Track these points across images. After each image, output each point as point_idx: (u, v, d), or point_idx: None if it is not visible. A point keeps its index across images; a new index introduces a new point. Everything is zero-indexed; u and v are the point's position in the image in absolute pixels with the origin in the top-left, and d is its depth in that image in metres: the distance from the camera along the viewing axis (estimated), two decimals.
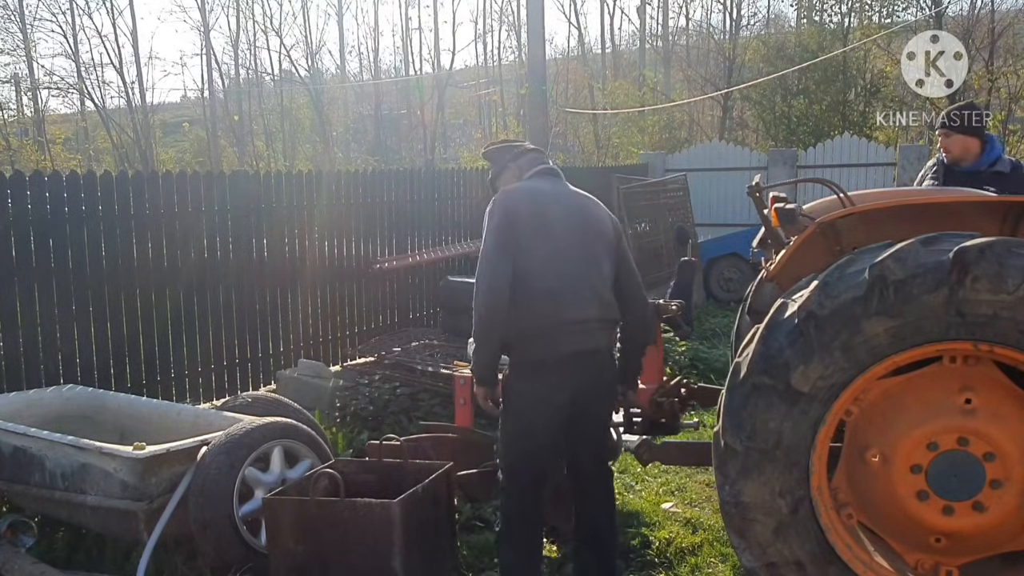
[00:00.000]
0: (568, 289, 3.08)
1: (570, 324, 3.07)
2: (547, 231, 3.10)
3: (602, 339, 3.19)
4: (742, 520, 2.75)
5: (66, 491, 3.57)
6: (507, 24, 43.76)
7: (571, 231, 3.15)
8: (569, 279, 3.09)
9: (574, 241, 3.14)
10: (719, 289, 10.79)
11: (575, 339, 3.08)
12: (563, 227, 3.14)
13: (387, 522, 3.15)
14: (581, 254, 3.13)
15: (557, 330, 3.06)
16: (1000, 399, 2.66)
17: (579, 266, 3.12)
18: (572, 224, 3.17)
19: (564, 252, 3.10)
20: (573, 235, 3.14)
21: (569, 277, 3.09)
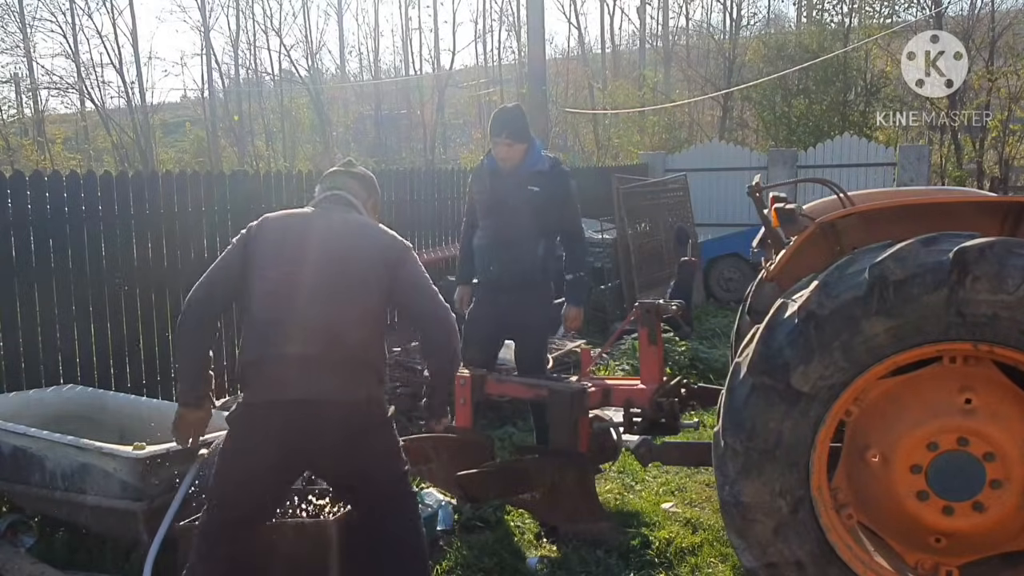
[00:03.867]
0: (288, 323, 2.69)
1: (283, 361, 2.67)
2: (283, 260, 2.76)
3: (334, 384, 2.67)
4: (742, 520, 2.76)
5: (66, 491, 3.57)
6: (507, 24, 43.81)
7: (316, 264, 2.76)
8: (292, 313, 2.69)
9: (315, 274, 2.74)
10: (719, 289, 10.79)
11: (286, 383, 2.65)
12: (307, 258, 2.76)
13: (322, 543, 2.92)
14: (319, 288, 2.71)
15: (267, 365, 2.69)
16: (1000, 399, 2.66)
17: (315, 302, 2.70)
18: (320, 255, 2.78)
19: (294, 284, 2.72)
20: (315, 268, 2.74)
21: (294, 311, 2.69)
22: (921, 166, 12.05)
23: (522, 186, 4.31)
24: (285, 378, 2.66)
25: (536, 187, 4.31)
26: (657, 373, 4.05)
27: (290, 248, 2.79)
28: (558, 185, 4.39)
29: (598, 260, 9.59)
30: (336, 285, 2.74)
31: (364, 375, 2.76)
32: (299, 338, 2.67)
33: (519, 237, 4.33)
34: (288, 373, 2.66)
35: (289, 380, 2.65)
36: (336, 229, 2.86)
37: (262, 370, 2.70)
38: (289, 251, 2.79)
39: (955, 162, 17.19)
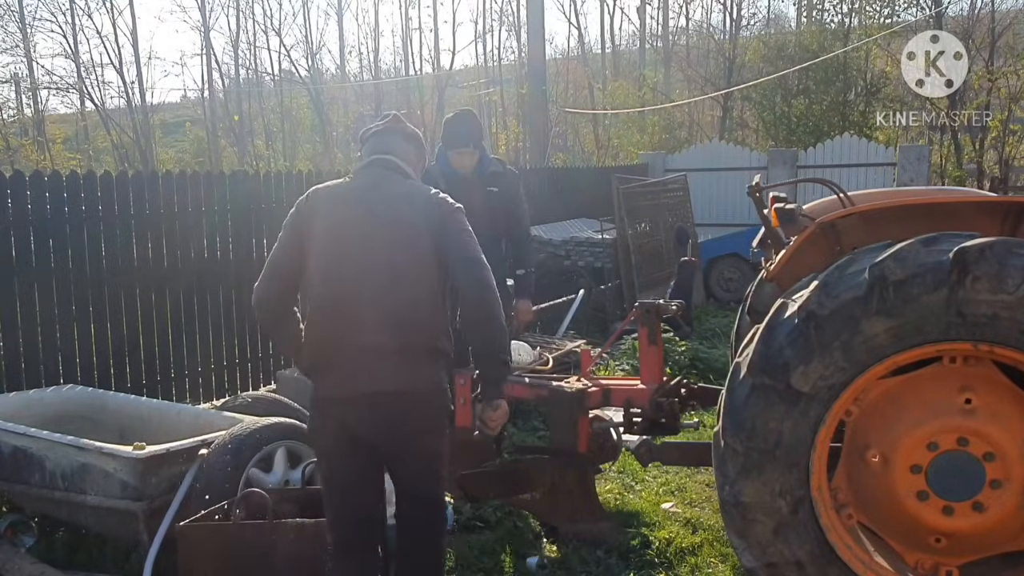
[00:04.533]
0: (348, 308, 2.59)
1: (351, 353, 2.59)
2: (336, 240, 2.65)
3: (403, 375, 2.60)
4: (742, 520, 2.76)
5: (66, 491, 3.57)
6: (507, 24, 43.75)
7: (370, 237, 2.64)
8: (352, 300, 2.59)
9: (370, 255, 2.62)
10: (719, 289, 10.79)
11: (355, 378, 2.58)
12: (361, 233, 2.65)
13: (322, 543, 2.87)
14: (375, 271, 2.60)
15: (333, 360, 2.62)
16: (1000, 399, 2.67)
17: (373, 287, 2.59)
18: (374, 229, 2.65)
19: (350, 267, 2.62)
20: (369, 248, 2.62)
21: (353, 298, 2.59)
22: (921, 166, 12.05)
23: (481, 188, 4.39)
24: (354, 371, 2.58)
25: (495, 188, 4.43)
26: (657, 373, 4.05)
27: (341, 227, 2.67)
28: (513, 185, 4.58)
29: (598, 260, 9.60)
30: (392, 265, 2.61)
31: (429, 360, 2.66)
32: (365, 327, 2.57)
33: (483, 239, 4.32)
34: (357, 365, 2.58)
35: (355, 373, 2.58)
36: (385, 202, 2.70)
37: (331, 364, 2.63)
38: (341, 230, 2.66)
39: (955, 162, 17.19)
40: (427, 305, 2.64)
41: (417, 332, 2.62)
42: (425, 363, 2.64)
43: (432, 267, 2.66)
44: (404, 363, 2.59)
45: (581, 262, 9.66)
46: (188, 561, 3.06)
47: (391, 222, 2.66)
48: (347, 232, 2.66)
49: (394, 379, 2.58)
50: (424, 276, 2.64)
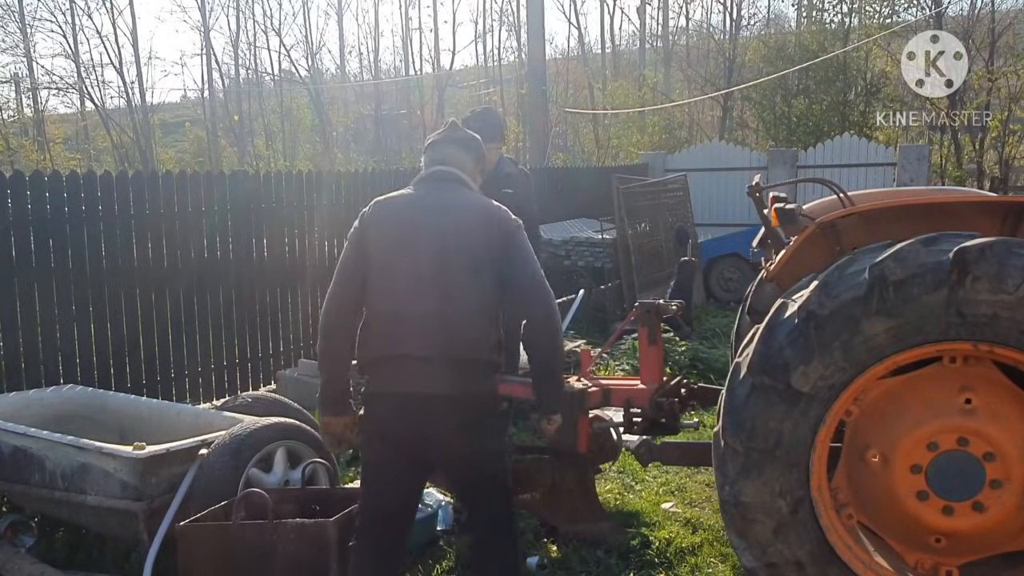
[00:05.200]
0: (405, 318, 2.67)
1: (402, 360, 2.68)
2: (396, 252, 2.73)
3: (449, 381, 2.66)
4: (742, 520, 2.75)
5: (66, 491, 3.57)
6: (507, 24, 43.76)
7: (429, 251, 2.69)
8: (407, 308, 2.67)
9: (428, 266, 2.68)
10: (719, 289, 10.79)
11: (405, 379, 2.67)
12: (420, 246, 2.70)
13: (322, 543, 2.91)
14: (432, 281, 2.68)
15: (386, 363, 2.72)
16: (1000, 399, 2.66)
17: (428, 297, 2.66)
18: (432, 243, 2.70)
19: (408, 277, 2.69)
20: (427, 259, 2.69)
21: (408, 306, 2.67)
22: (921, 166, 12.05)
23: (496, 190, 4.32)
24: (405, 375, 2.67)
25: (509, 189, 4.34)
26: (657, 373, 4.04)
27: (401, 239, 2.73)
28: (525, 185, 4.52)
29: (598, 260, 9.60)
30: (449, 277, 2.68)
31: (478, 370, 2.72)
32: (415, 336, 2.66)
33: None
34: (408, 370, 2.66)
35: (408, 377, 2.66)
36: (443, 212, 2.76)
37: (384, 367, 2.72)
38: (401, 242, 2.73)
39: (955, 162, 17.21)
40: (479, 318, 2.71)
41: (465, 344, 2.68)
42: (471, 373, 2.70)
43: (487, 282, 2.71)
44: (449, 371, 2.65)
45: (581, 262, 9.66)
46: (188, 561, 3.06)
47: (445, 234, 2.71)
48: (402, 243, 2.72)
49: (436, 384, 2.64)
50: (477, 290, 2.71)
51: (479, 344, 2.71)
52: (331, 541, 2.96)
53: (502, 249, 2.72)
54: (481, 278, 2.71)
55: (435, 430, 2.68)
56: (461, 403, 2.68)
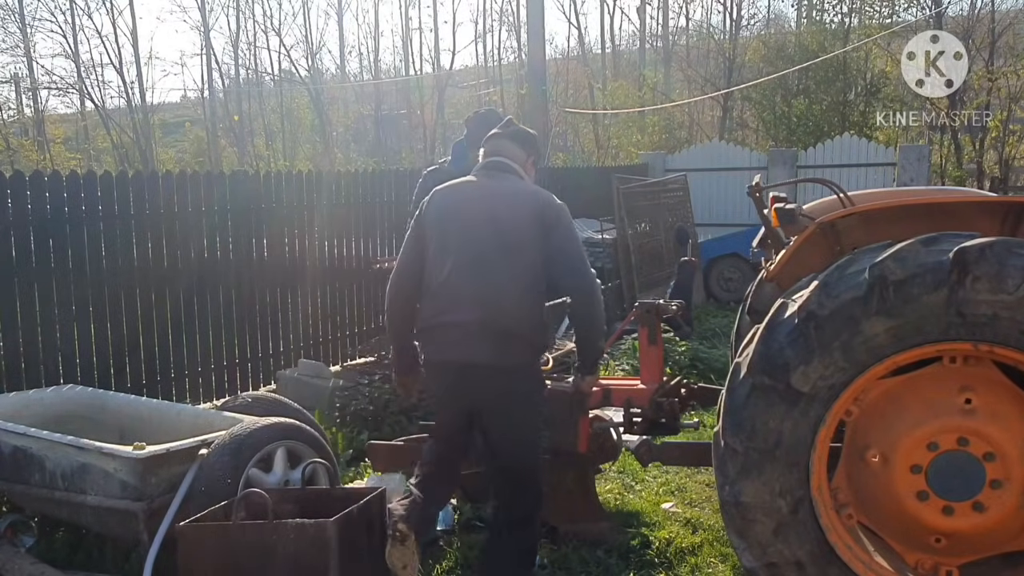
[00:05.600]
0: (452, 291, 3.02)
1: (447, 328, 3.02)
2: (448, 232, 3.06)
3: (487, 351, 2.98)
4: (742, 520, 2.75)
5: (66, 491, 3.57)
6: (507, 24, 43.80)
7: (479, 230, 3.02)
8: (455, 282, 3.01)
9: (476, 244, 3.01)
10: (719, 289, 10.79)
11: (449, 347, 3.03)
12: (472, 225, 3.04)
13: (322, 543, 2.92)
14: (480, 259, 3.00)
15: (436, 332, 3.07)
16: (1000, 399, 2.66)
17: (475, 272, 2.99)
18: (483, 222, 3.03)
19: (457, 254, 3.02)
20: (475, 239, 3.02)
21: (457, 281, 3.01)
22: (921, 166, 12.05)
23: None
24: (448, 343, 3.01)
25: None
26: (657, 373, 4.05)
27: (453, 220, 3.07)
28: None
29: (598, 260, 9.60)
30: (495, 255, 2.98)
31: (517, 343, 3.01)
32: (460, 307, 2.98)
33: None
34: (450, 339, 3.01)
35: (451, 345, 3.01)
36: (494, 198, 3.09)
37: (432, 335, 3.07)
38: (453, 223, 3.06)
39: (955, 162, 17.20)
40: (524, 295, 3.00)
41: (508, 317, 2.98)
42: (511, 345, 2.99)
43: (533, 263, 3.01)
44: (489, 341, 2.96)
45: None
46: (188, 561, 3.05)
47: (496, 218, 3.03)
48: (455, 224, 3.06)
49: (476, 354, 2.96)
50: (524, 269, 3.00)
51: (522, 319, 3.00)
52: (331, 541, 2.95)
53: (546, 231, 3.00)
54: (528, 259, 3.00)
55: (474, 399, 3.05)
56: (498, 374, 2.98)
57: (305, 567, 2.95)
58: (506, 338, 2.97)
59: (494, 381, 3.00)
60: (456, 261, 3.01)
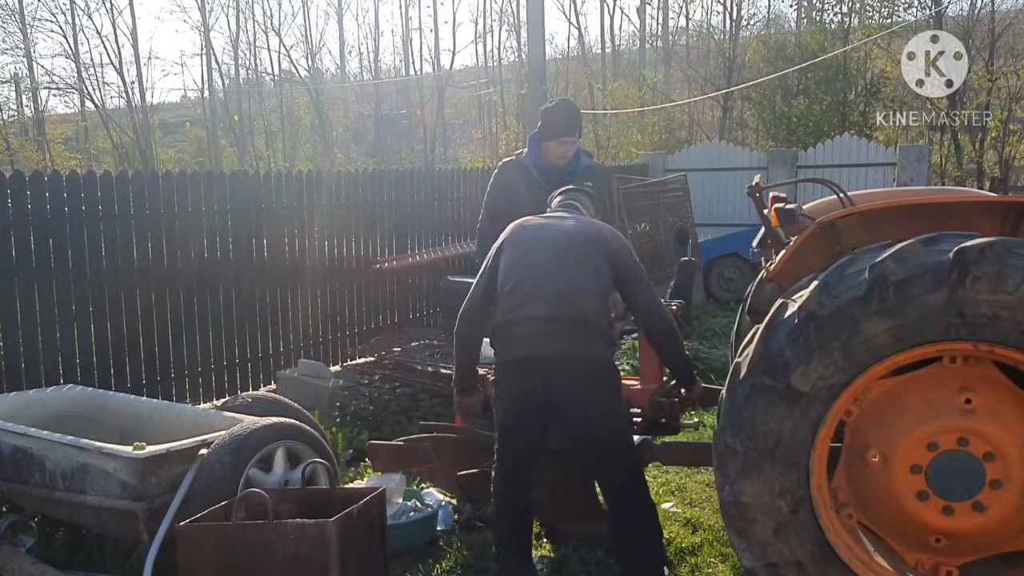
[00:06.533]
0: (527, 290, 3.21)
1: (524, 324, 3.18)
2: (523, 246, 3.34)
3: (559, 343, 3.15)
4: (742, 520, 2.75)
5: (66, 491, 3.57)
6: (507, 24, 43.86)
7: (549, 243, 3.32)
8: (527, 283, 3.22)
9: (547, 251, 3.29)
10: (719, 289, 10.78)
11: (521, 343, 3.17)
12: (542, 241, 3.34)
13: (322, 543, 2.92)
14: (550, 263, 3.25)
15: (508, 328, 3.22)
16: (1000, 399, 2.66)
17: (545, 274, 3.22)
18: (552, 238, 3.34)
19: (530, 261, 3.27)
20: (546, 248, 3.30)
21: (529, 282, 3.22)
22: (921, 166, 12.04)
23: (578, 182, 4.13)
24: (521, 338, 3.16)
25: (589, 182, 4.16)
26: (657, 373, 4.04)
27: (528, 237, 3.36)
28: (605, 179, 4.49)
29: None
30: (564, 260, 3.24)
31: (588, 333, 3.16)
32: (532, 302, 3.16)
33: None
34: (523, 333, 3.15)
35: (524, 340, 3.15)
36: (565, 221, 3.45)
37: (505, 332, 3.22)
38: (528, 240, 3.35)
39: (955, 162, 17.19)
40: (591, 293, 3.21)
41: (578, 308, 3.16)
42: (582, 335, 3.15)
43: (599, 268, 3.25)
44: (561, 332, 3.12)
45: None
46: (188, 561, 3.05)
47: (565, 233, 3.35)
48: (527, 242, 3.35)
49: (549, 347, 3.12)
50: (590, 273, 3.23)
51: (590, 311, 3.18)
52: (331, 541, 2.95)
53: (612, 261, 3.28)
54: (590, 268, 3.24)
55: (549, 393, 3.14)
56: (573, 363, 3.13)
57: (305, 567, 2.95)
58: (578, 327, 3.15)
59: (569, 370, 3.13)
60: (529, 265, 3.25)
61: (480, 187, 9.50)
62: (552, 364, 3.13)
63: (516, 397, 3.25)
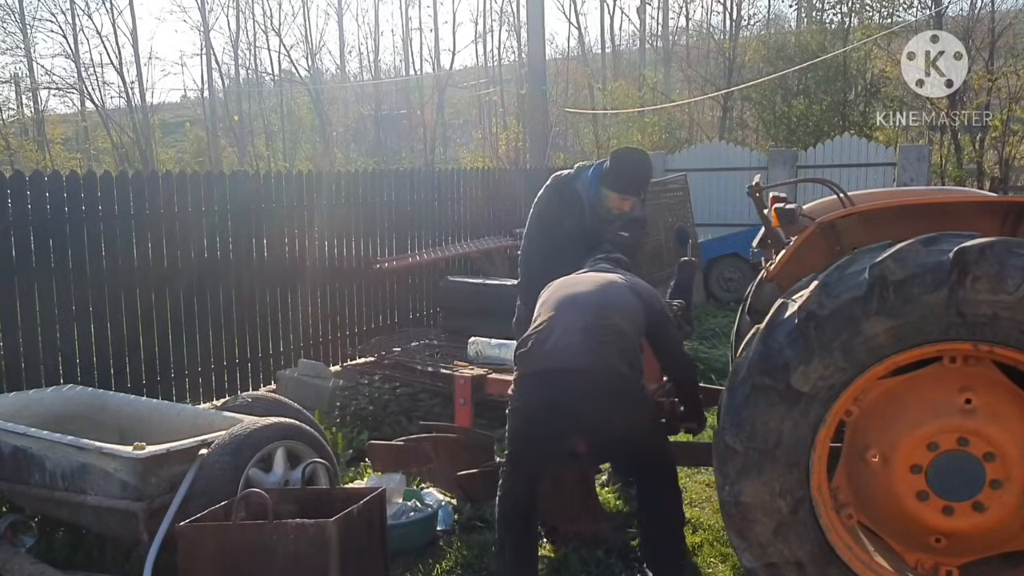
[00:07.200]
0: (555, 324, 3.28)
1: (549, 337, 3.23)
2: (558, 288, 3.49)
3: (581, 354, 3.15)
4: (742, 520, 2.75)
5: (66, 491, 3.57)
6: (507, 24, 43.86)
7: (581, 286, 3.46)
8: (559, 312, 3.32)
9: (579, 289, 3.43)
10: (719, 289, 10.78)
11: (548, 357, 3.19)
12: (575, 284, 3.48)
13: (322, 543, 2.92)
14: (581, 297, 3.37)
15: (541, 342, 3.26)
16: (1000, 399, 2.66)
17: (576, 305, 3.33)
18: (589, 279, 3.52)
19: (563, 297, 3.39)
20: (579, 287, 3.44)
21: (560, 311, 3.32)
22: (921, 166, 12.03)
23: (614, 230, 4.27)
24: (545, 352, 3.18)
25: (626, 232, 4.27)
26: (657, 373, 4.04)
27: (564, 283, 3.51)
28: (639, 230, 4.49)
29: None
30: (594, 297, 3.34)
31: (613, 352, 3.16)
32: (562, 317, 3.25)
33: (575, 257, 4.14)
34: (548, 348, 3.18)
35: (548, 354, 3.17)
36: (599, 273, 3.60)
37: (529, 347, 3.25)
38: (564, 284, 3.50)
39: (955, 162, 17.17)
40: (622, 316, 3.28)
41: (609, 319, 3.23)
42: (608, 349, 3.16)
43: (629, 311, 3.32)
44: (587, 344, 3.14)
45: None
46: (188, 561, 3.05)
47: (595, 278, 3.50)
48: (569, 283, 3.50)
49: (575, 358, 3.13)
50: (621, 313, 3.29)
51: (620, 326, 3.24)
52: (331, 541, 2.95)
53: (645, 310, 3.38)
54: (622, 307, 3.32)
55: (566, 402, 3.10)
56: (592, 376, 3.11)
57: (305, 567, 2.95)
58: (605, 337, 3.17)
59: (590, 382, 3.11)
60: (564, 300, 3.35)
61: (480, 187, 9.52)
62: (570, 375, 3.10)
63: (530, 406, 3.21)
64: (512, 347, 4.68)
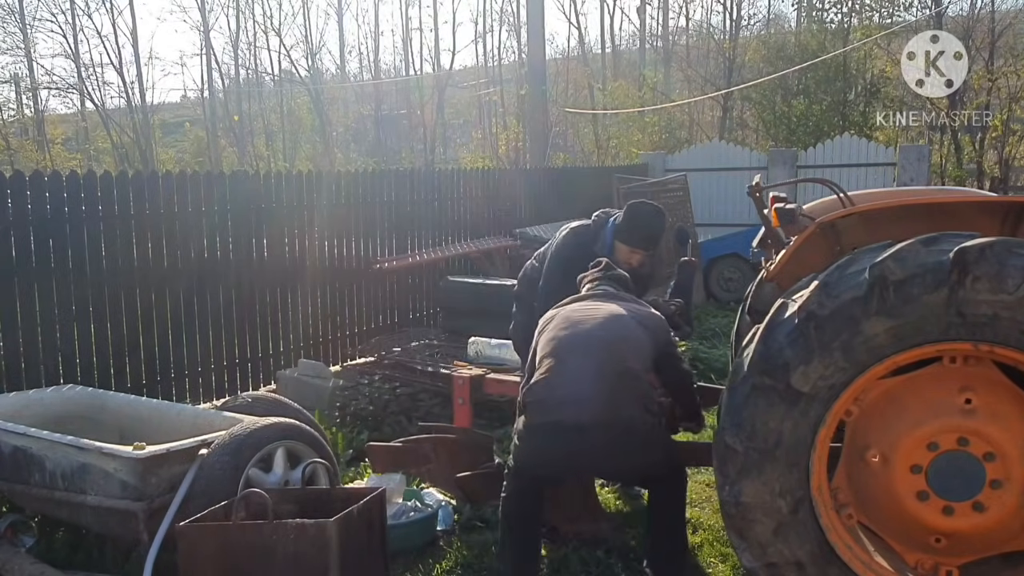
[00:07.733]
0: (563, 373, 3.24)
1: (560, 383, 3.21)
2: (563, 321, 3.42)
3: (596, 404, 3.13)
4: (742, 520, 2.76)
5: (66, 491, 3.57)
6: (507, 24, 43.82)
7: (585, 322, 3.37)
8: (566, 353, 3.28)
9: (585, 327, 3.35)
10: (719, 289, 10.78)
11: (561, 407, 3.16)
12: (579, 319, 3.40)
13: (322, 544, 2.93)
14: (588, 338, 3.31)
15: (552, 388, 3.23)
16: (1000, 399, 2.66)
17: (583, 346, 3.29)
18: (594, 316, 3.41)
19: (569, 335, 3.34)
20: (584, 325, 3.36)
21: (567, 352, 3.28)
22: (921, 166, 12.03)
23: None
24: (557, 399, 3.15)
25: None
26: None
27: (570, 315, 3.43)
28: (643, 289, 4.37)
29: None
30: (602, 335, 3.27)
31: (633, 402, 3.15)
32: (569, 374, 3.18)
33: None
34: (560, 394, 3.15)
35: (560, 402, 3.14)
36: (601, 303, 3.51)
37: (540, 399, 3.21)
38: (569, 317, 3.42)
39: (955, 162, 17.17)
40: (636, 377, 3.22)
41: (623, 362, 3.20)
42: (623, 395, 3.14)
43: (636, 346, 3.29)
44: (602, 394, 3.10)
45: None
46: (188, 561, 3.06)
47: (607, 313, 3.41)
48: (574, 320, 3.40)
49: (589, 411, 3.09)
50: (628, 351, 3.25)
51: (634, 365, 3.22)
52: (331, 541, 2.95)
53: (652, 339, 3.36)
54: (629, 345, 3.28)
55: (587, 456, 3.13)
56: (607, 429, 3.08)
57: (305, 567, 2.95)
58: (620, 383, 3.14)
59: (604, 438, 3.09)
60: (570, 340, 3.30)
61: (480, 187, 9.51)
62: (591, 431, 3.07)
63: (544, 455, 3.21)
64: (512, 347, 4.69)
